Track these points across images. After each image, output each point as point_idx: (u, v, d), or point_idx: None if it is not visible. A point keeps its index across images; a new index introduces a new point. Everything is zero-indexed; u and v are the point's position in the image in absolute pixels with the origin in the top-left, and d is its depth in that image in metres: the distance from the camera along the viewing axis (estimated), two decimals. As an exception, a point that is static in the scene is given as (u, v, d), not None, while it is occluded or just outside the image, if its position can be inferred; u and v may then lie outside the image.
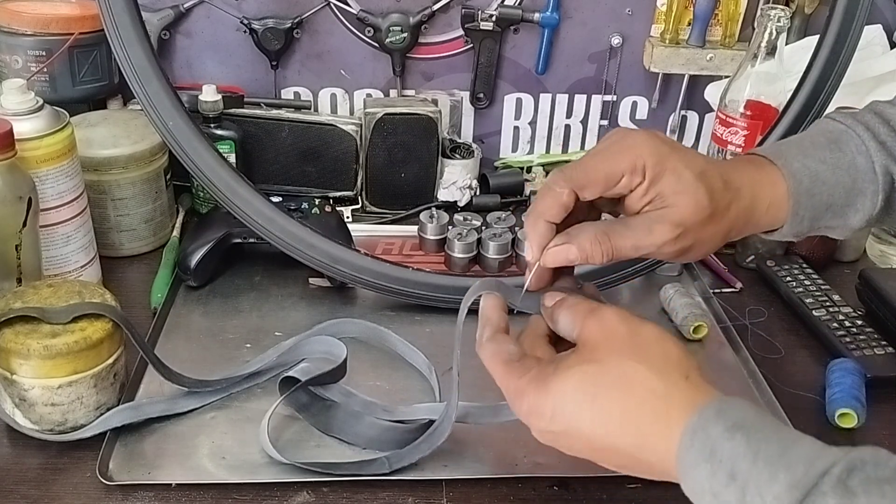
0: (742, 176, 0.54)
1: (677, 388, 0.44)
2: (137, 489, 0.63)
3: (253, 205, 0.82)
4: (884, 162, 0.55)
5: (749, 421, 0.42)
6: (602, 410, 0.45)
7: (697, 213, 0.50)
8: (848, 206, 0.56)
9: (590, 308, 0.49)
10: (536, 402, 0.47)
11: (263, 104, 1.06)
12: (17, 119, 0.74)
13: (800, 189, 0.54)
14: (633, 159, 0.50)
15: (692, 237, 0.51)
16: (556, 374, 0.46)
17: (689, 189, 0.50)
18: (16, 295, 0.67)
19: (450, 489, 0.65)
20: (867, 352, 0.81)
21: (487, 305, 0.54)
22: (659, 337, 0.47)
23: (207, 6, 1.04)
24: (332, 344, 0.76)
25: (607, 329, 0.47)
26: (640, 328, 0.47)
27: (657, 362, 0.45)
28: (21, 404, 0.65)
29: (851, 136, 0.56)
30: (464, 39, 1.09)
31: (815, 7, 1.05)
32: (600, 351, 0.46)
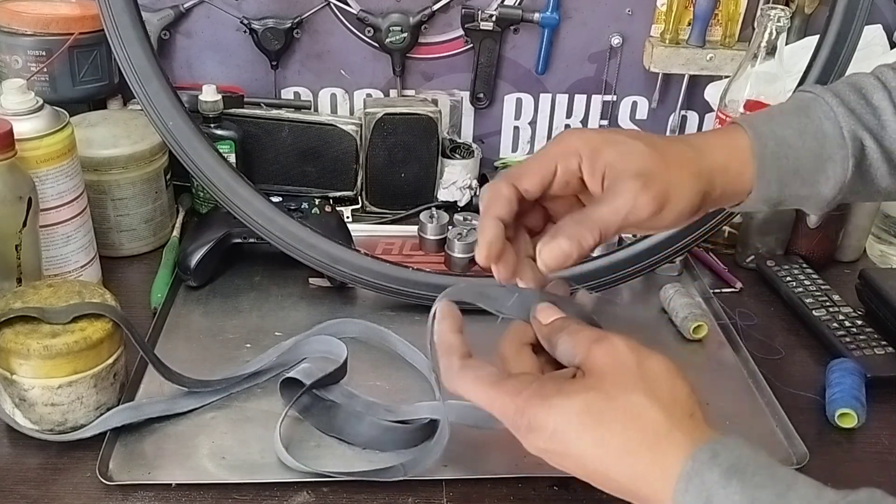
0: (700, 137, 0.55)
1: (680, 427, 0.44)
2: (137, 489, 0.63)
3: (253, 205, 0.82)
4: (852, 127, 0.55)
5: (744, 464, 0.42)
6: (603, 440, 0.44)
7: (650, 159, 0.50)
8: (818, 173, 0.55)
9: (596, 336, 0.48)
10: (537, 418, 0.45)
11: (263, 104, 1.06)
12: (17, 119, 0.74)
13: (765, 151, 0.54)
14: (563, 146, 0.51)
15: (660, 181, 0.49)
16: (559, 394, 0.45)
17: (631, 148, 0.50)
18: (16, 295, 0.67)
19: (450, 489, 0.65)
20: (867, 352, 0.81)
21: (444, 330, 0.52)
22: (667, 371, 0.46)
23: (207, 6, 1.04)
24: (333, 343, 0.76)
25: (616, 358, 0.46)
26: (648, 360, 0.46)
27: (665, 398, 0.45)
28: (21, 404, 0.65)
29: (820, 102, 0.56)
30: (464, 39, 1.09)
31: (815, 7, 1.06)
32: (607, 381, 0.45)
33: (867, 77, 0.58)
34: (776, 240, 0.97)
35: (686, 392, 0.46)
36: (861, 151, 0.55)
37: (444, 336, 0.52)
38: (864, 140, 0.55)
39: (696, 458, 0.42)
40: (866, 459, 0.71)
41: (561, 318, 0.51)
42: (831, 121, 0.55)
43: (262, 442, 0.68)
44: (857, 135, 0.55)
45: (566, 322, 0.50)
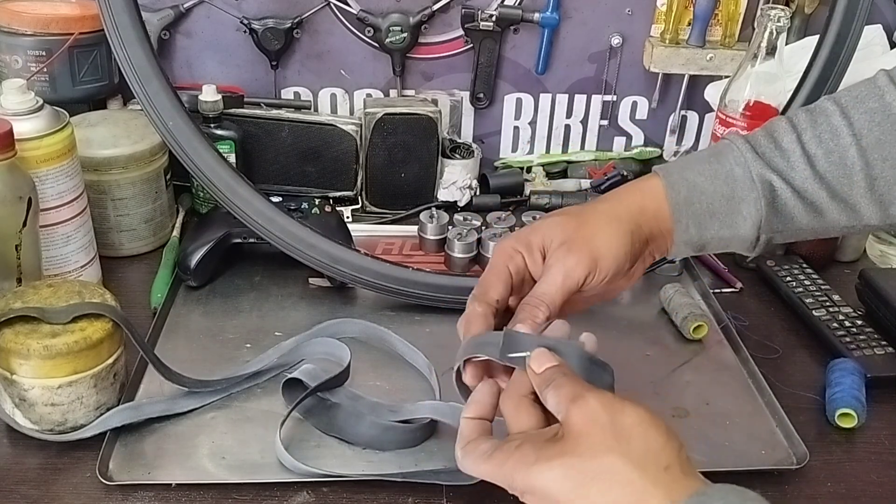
0: (615, 191, 0.60)
1: (654, 482, 0.44)
2: (137, 489, 0.63)
3: (253, 205, 0.82)
4: (760, 170, 0.58)
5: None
6: (588, 500, 0.45)
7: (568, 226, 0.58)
8: (733, 214, 0.59)
9: (574, 394, 0.48)
10: (525, 483, 0.47)
11: (263, 104, 1.06)
12: (17, 119, 0.74)
13: (678, 198, 0.58)
14: (504, 252, 0.58)
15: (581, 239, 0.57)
16: (538, 461, 0.46)
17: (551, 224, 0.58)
18: (16, 295, 0.67)
19: (450, 489, 0.65)
20: (867, 352, 0.81)
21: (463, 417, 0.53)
22: (640, 423, 0.46)
23: (207, 6, 1.04)
24: (335, 346, 0.76)
25: (589, 419, 0.46)
26: (620, 416, 0.46)
27: (636, 454, 0.45)
28: (21, 404, 0.65)
29: (731, 148, 0.59)
30: (464, 39, 1.09)
31: (815, 7, 1.05)
32: (582, 444, 0.46)
33: (780, 121, 0.61)
34: (776, 240, 0.97)
35: (660, 442, 0.46)
36: (771, 192, 0.58)
37: (461, 424, 0.53)
38: (772, 181, 0.58)
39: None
40: (866, 459, 0.71)
41: (551, 369, 0.50)
42: (741, 165, 0.58)
43: (262, 442, 0.68)
44: (765, 177, 0.58)
45: (554, 374, 0.50)
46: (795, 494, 0.67)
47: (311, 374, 0.70)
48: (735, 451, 0.70)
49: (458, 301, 0.85)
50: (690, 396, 0.77)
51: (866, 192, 0.58)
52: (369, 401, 0.71)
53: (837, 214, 0.59)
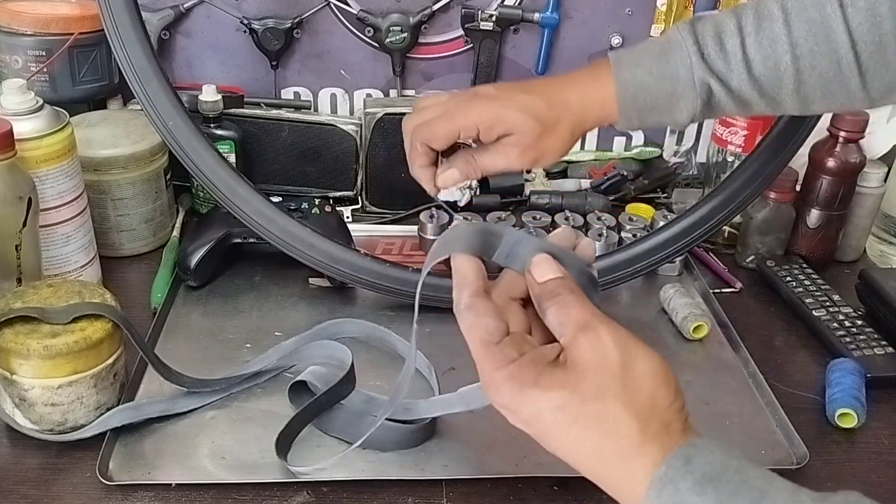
0: (573, 91, 0.66)
1: (653, 438, 0.43)
2: (137, 489, 0.63)
3: (253, 205, 0.81)
4: (701, 75, 0.63)
5: (718, 471, 0.41)
6: (575, 440, 0.44)
7: (531, 134, 0.64)
8: (672, 108, 0.65)
9: (584, 321, 0.45)
10: (512, 402, 0.45)
11: (263, 104, 1.06)
12: (17, 119, 0.74)
13: (626, 96, 0.65)
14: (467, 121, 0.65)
15: (536, 149, 0.65)
16: (535, 386, 0.44)
17: (520, 125, 0.64)
18: (16, 295, 0.67)
19: (450, 489, 0.65)
20: (867, 352, 0.81)
21: (461, 261, 0.50)
22: (652, 375, 0.44)
23: (207, 6, 1.04)
24: (336, 348, 0.75)
25: (599, 354, 0.44)
26: (634, 360, 0.44)
27: (642, 408, 0.43)
28: (21, 404, 0.65)
29: (680, 47, 0.64)
30: (464, 39, 1.09)
31: (815, 7, 1.05)
32: (588, 381, 0.44)
33: (730, 21, 0.64)
34: (776, 240, 0.97)
35: (668, 400, 0.44)
36: (708, 93, 0.64)
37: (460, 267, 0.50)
38: (711, 85, 0.64)
39: (670, 465, 0.42)
40: (866, 459, 0.71)
41: (555, 281, 0.47)
42: (686, 67, 0.63)
43: (261, 442, 0.68)
44: (705, 80, 0.63)
45: (560, 287, 0.47)
46: (795, 494, 0.67)
47: (318, 375, 0.69)
48: (735, 451, 0.70)
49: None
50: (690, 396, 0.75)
51: (792, 93, 0.63)
52: (384, 400, 0.70)
53: (763, 108, 0.65)
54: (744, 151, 0.96)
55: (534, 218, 0.99)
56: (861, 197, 0.97)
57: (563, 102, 0.65)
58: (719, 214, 0.84)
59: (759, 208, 0.95)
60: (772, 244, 0.98)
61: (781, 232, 0.97)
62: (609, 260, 0.86)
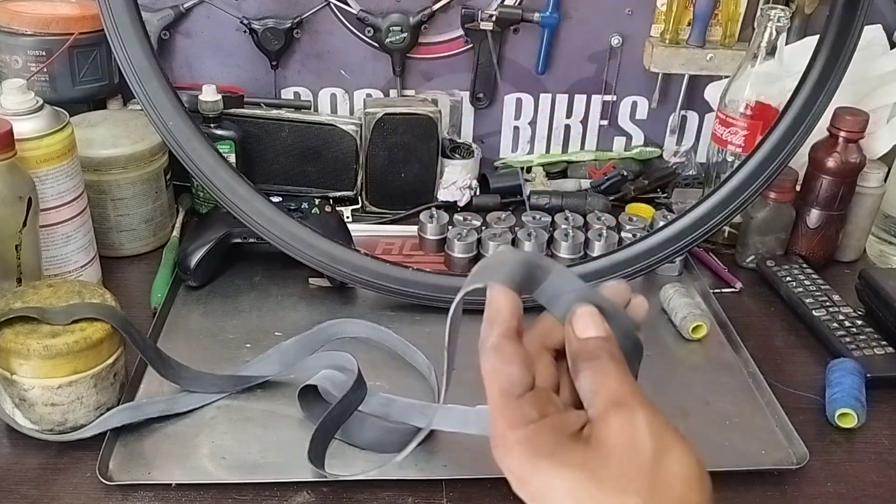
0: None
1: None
2: (137, 489, 0.63)
3: (253, 205, 0.82)
4: None
5: None
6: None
7: None
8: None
9: (620, 397, 0.40)
10: (521, 470, 0.40)
11: (263, 104, 1.06)
12: (17, 119, 0.74)
13: None
14: None
15: None
16: (551, 458, 0.39)
17: None
18: (16, 295, 0.67)
19: (450, 489, 0.65)
20: (867, 352, 0.81)
21: (498, 293, 0.43)
22: (685, 479, 0.38)
23: (207, 6, 1.04)
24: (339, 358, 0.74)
25: (629, 440, 0.38)
26: (667, 456, 0.38)
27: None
28: (21, 404, 0.65)
29: None
30: (464, 39, 1.09)
31: (815, 7, 1.05)
32: (610, 467, 0.38)
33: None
34: (776, 240, 0.97)
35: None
36: None
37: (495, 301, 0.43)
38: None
39: None
40: (866, 459, 0.71)
41: (597, 341, 0.42)
42: None
43: (261, 442, 0.68)
44: None
45: (601, 350, 0.42)
46: (795, 494, 0.67)
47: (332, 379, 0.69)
48: (735, 451, 0.70)
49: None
50: (690, 396, 0.77)
51: None
52: (403, 402, 0.70)
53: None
54: (744, 151, 0.96)
55: (534, 218, 0.99)
56: (861, 197, 0.97)
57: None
58: (719, 214, 0.84)
59: (759, 208, 0.95)
60: (772, 244, 0.98)
61: (781, 232, 0.97)
62: (609, 259, 0.86)
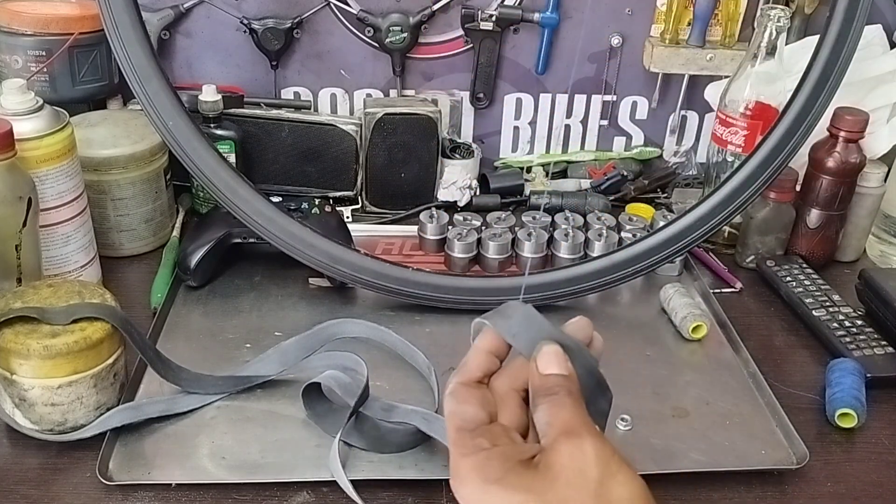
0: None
1: None
2: (137, 489, 0.63)
3: (253, 205, 0.82)
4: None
5: None
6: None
7: None
8: None
9: (571, 426, 0.41)
10: (472, 496, 0.41)
11: (263, 104, 1.06)
12: (16, 119, 0.74)
13: None
14: None
15: None
16: (499, 483, 0.40)
17: None
18: (16, 295, 0.67)
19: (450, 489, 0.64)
20: (867, 352, 0.81)
21: (475, 347, 0.46)
22: (629, 500, 0.39)
23: (207, 6, 1.04)
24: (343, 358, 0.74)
25: (576, 465, 0.40)
26: (611, 480, 0.39)
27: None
28: (21, 404, 0.65)
29: None
30: (464, 39, 1.09)
31: (815, 7, 1.05)
32: (555, 490, 0.39)
33: None
34: (776, 240, 0.97)
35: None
36: None
37: (471, 352, 0.46)
38: None
39: None
40: (866, 459, 0.71)
41: (557, 378, 0.43)
42: None
43: (261, 442, 0.68)
44: None
45: (559, 387, 0.43)
46: (795, 494, 0.67)
47: (338, 379, 0.69)
48: (735, 451, 0.70)
49: (458, 301, 0.85)
50: (690, 396, 0.77)
51: None
52: (405, 409, 0.70)
53: None
54: (744, 151, 0.96)
55: (534, 218, 0.99)
56: (861, 197, 0.97)
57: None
58: (719, 214, 0.84)
59: (759, 208, 0.95)
60: (772, 244, 0.98)
61: (781, 232, 0.97)
62: (609, 259, 0.86)
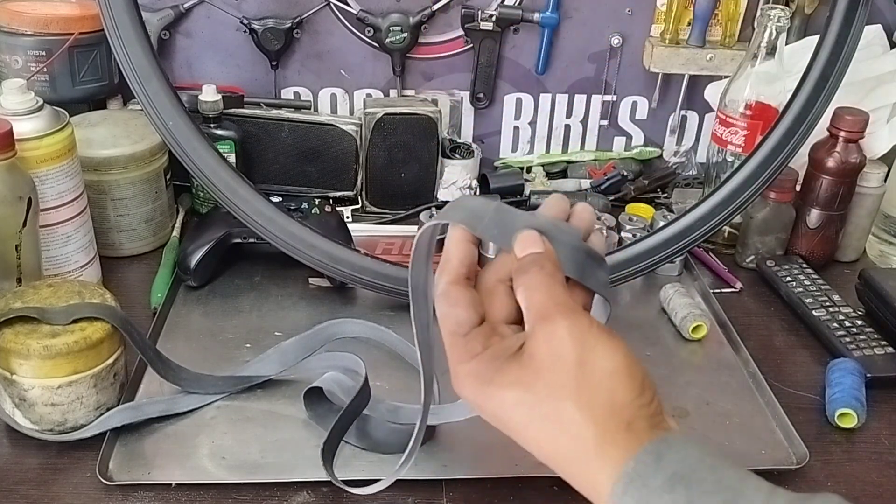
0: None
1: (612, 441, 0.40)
2: (137, 489, 0.63)
3: (253, 205, 0.81)
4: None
5: (690, 469, 0.39)
6: (535, 439, 0.42)
7: None
8: None
9: (544, 310, 0.42)
10: (475, 399, 0.44)
11: (263, 104, 1.06)
12: (16, 119, 0.74)
13: None
14: None
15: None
16: (492, 384, 0.43)
17: None
18: (16, 295, 0.67)
19: (450, 489, 0.65)
20: (867, 352, 0.81)
21: (449, 243, 0.47)
22: (612, 372, 0.41)
23: (207, 6, 1.04)
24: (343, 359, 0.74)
25: (554, 351, 0.41)
26: (590, 357, 0.41)
27: (599, 408, 0.40)
28: (21, 404, 0.65)
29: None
30: (464, 39, 1.09)
31: (815, 7, 1.05)
32: (541, 379, 0.41)
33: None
34: (776, 240, 0.97)
35: (629, 397, 0.41)
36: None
37: (448, 247, 0.47)
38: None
39: (639, 461, 0.39)
40: (866, 459, 0.71)
41: (531, 255, 0.44)
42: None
43: (261, 442, 0.68)
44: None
45: (531, 264, 0.44)
46: (795, 494, 0.67)
47: (336, 381, 0.69)
48: (735, 451, 0.70)
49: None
50: (690, 396, 0.77)
51: None
52: (410, 409, 0.70)
53: None
54: (744, 151, 0.96)
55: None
56: (861, 197, 0.97)
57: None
58: (719, 214, 0.84)
59: (759, 208, 0.95)
60: (772, 244, 0.98)
61: (781, 232, 0.97)
62: (609, 259, 0.86)
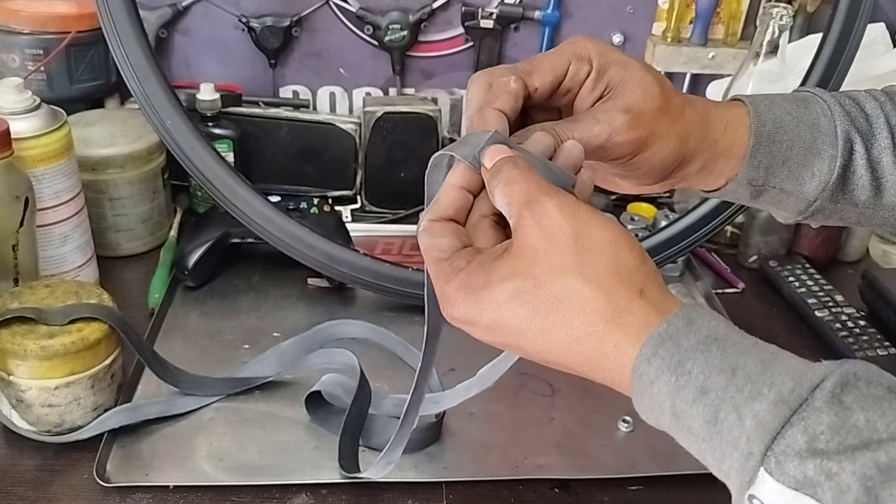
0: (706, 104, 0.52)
1: (629, 309, 0.38)
2: (135, 491, 0.63)
3: (251, 204, 0.81)
4: (846, 127, 0.53)
5: (724, 333, 0.37)
6: (543, 331, 0.39)
7: (647, 101, 0.48)
8: (804, 167, 0.52)
9: (528, 196, 0.40)
10: (468, 312, 0.41)
11: (262, 103, 1.06)
12: (13, 118, 0.74)
13: (762, 131, 0.51)
14: (578, 50, 0.49)
15: (645, 128, 0.48)
16: (486, 286, 0.40)
17: (636, 77, 0.49)
18: (13, 295, 0.67)
19: (450, 491, 0.64)
20: (870, 352, 0.81)
21: (445, 183, 0.46)
22: (611, 241, 0.39)
23: (206, 4, 1.04)
24: (339, 354, 0.74)
25: (547, 231, 0.39)
26: (586, 229, 0.39)
27: (603, 277, 0.38)
28: (18, 405, 0.65)
29: (817, 100, 0.54)
30: (464, 37, 1.09)
31: (818, 5, 1.05)
32: (538, 263, 0.39)
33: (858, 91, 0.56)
34: (779, 240, 0.97)
35: (634, 264, 0.40)
36: (849, 154, 0.53)
37: (441, 189, 0.45)
38: (854, 143, 0.53)
39: (671, 323, 0.38)
40: (869, 461, 0.70)
41: (502, 160, 0.42)
42: (827, 117, 0.53)
43: (260, 443, 0.68)
44: (849, 135, 0.53)
45: (503, 164, 0.42)
46: (798, 496, 0.66)
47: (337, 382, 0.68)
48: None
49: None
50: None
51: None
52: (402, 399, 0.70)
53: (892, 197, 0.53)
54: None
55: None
56: (863, 196, 0.97)
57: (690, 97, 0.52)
58: (722, 214, 0.84)
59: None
60: (774, 244, 0.97)
61: (784, 232, 0.97)
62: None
